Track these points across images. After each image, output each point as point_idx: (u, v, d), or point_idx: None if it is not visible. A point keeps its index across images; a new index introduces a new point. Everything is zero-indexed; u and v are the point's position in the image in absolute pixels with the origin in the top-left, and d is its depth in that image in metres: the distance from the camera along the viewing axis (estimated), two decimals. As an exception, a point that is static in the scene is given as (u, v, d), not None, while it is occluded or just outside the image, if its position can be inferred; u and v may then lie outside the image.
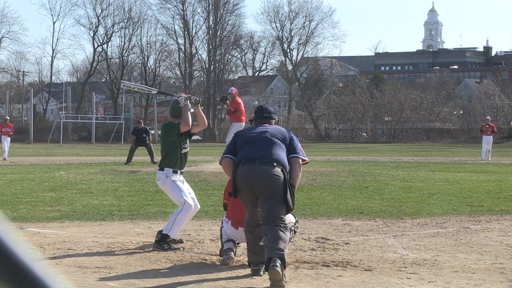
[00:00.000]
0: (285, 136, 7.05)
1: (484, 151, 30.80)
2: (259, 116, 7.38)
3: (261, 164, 6.75)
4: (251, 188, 6.72)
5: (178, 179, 8.70)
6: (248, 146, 6.98)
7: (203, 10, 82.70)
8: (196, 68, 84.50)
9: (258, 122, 7.32)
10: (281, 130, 7.16)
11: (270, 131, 7.08)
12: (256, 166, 6.75)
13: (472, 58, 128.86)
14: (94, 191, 15.29)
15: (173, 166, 8.69)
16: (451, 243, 8.73)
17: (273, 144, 6.93)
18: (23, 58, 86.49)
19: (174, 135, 8.60)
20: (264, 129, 7.12)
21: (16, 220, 10.64)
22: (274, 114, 7.48)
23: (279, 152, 6.87)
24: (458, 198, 13.98)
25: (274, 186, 6.65)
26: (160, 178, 8.75)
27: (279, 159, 6.81)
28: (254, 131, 7.17)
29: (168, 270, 6.97)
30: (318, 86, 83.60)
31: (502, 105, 74.38)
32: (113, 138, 68.00)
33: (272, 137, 6.99)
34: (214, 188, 15.47)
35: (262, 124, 7.25)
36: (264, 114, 7.40)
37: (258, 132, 7.09)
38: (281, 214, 6.64)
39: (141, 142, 26.30)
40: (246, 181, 6.75)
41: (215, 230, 9.65)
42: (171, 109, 8.90)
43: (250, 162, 6.80)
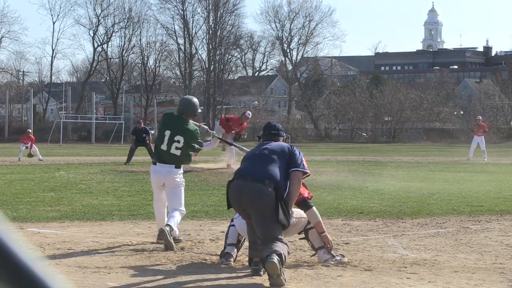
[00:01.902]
0: (285, 152, 7.00)
1: (472, 151, 30.80)
2: (267, 132, 7.39)
3: (252, 181, 6.72)
4: (241, 204, 6.76)
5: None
6: (246, 162, 7.06)
7: (203, 10, 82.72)
8: (196, 68, 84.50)
9: (265, 139, 7.31)
10: (282, 146, 7.12)
11: (270, 147, 7.07)
12: (247, 183, 6.74)
13: (472, 58, 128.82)
14: (94, 191, 15.29)
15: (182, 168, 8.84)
16: (451, 243, 8.73)
17: (269, 161, 6.90)
18: (23, 58, 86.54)
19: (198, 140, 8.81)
20: (266, 145, 7.13)
21: (16, 220, 10.64)
22: (282, 131, 7.48)
23: (274, 168, 6.82)
24: (458, 198, 13.98)
25: (263, 205, 6.61)
26: (178, 176, 8.69)
27: (272, 176, 6.74)
28: (258, 147, 7.21)
29: (168, 270, 6.97)
30: (318, 86, 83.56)
31: (502, 105, 74.35)
32: (113, 138, 68.00)
33: (271, 153, 6.97)
34: (214, 188, 15.47)
35: (269, 141, 7.23)
36: (272, 131, 7.40)
37: (260, 149, 7.12)
38: (277, 235, 6.56)
39: (141, 142, 26.34)
40: (236, 197, 6.79)
41: (215, 230, 9.65)
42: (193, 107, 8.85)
43: (243, 178, 6.81)
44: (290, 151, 7.04)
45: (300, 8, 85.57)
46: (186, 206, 12.33)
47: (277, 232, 6.59)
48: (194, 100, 9.08)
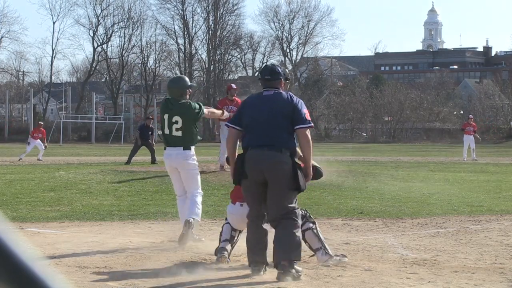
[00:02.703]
0: (288, 109, 6.71)
1: (465, 151, 30.83)
2: (262, 77, 7.02)
3: (269, 150, 6.61)
4: (258, 174, 6.64)
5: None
6: (252, 130, 6.80)
7: (203, 10, 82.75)
8: (196, 68, 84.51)
9: (263, 84, 7.00)
10: (283, 102, 6.75)
11: (271, 109, 6.74)
12: (264, 152, 6.63)
13: (472, 58, 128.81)
14: (94, 191, 15.28)
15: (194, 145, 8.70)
16: (451, 243, 8.73)
17: (278, 125, 6.68)
18: (23, 58, 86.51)
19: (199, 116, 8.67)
20: (266, 105, 6.79)
21: (16, 220, 10.64)
22: (279, 74, 6.94)
23: (284, 133, 6.66)
24: (458, 198, 13.98)
25: (283, 174, 6.57)
26: (189, 157, 8.55)
27: (286, 142, 6.65)
28: (256, 107, 6.86)
29: (168, 270, 6.96)
30: (318, 86, 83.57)
31: (502, 105, 74.37)
32: (113, 138, 68.02)
33: (275, 116, 6.70)
34: (214, 188, 15.47)
35: (268, 89, 6.91)
36: (265, 76, 6.96)
37: (261, 112, 6.77)
38: (290, 204, 6.61)
39: (145, 139, 26.08)
40: (254, 167, 6.67)
41: (215, 230, 9.65)
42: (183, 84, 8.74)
43: (259, 148, 6.66)
44: (292, 106, 6.73)
45: (300, 8, 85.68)
46: (186, 206, 12.40)
47: (291, 201, 6.61)
48: (180, 78, 9.04)
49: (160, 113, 8.94)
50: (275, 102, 6.79)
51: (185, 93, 8.70)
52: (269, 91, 6.90)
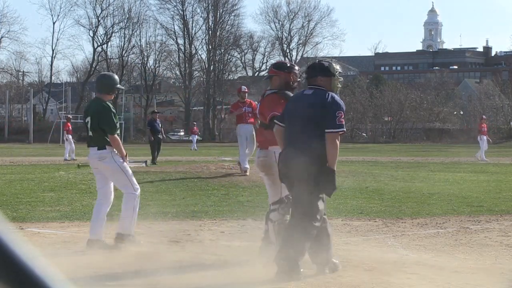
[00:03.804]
0: (319, 110, 6.54)
1: (483, 151, 30.85)
2: (307, 74, 6.92)
3: (299, 150, 6.55)
4: (288, 173, 6.65)
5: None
6: (287, 129, 6.77)
7: (203, 10, 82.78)
8: (196, 68, 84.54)
9: (308, 82, 6.94)
10: (315, 103, 6.60)
11: (304, 109, 6.65)
12: (295, 151, 6.59)
13: (472, 58, 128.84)
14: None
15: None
16: (451, 243, 8.73)
17: (310, 124, 6.56)
18: (23, 58, 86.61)
19: (109, 129, 8.21)
20: (300, 105, 6.72)
21: (16, 220, 10.63)
22: (324, 72, 6.80)
23: (312, 135, 6.54)
24: (458, 198, 13.97)
25: (307, 175, 6.49)
26: (105, 157, 8.14)
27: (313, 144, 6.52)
28: (292, 106, 6.84)
29: (168, 270, 6.96)
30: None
31: (502, 105, 74.38)
32: (113, 138, 67.89)
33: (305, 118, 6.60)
34: (214, 188, 15.47)
35: (310, 86, 6.84)
36: (308, 72, 6.90)
37: (295, 111, 6.74)
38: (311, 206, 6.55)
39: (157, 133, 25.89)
40: (284, 166, 6.69)
41: (215, 230, 9.65)
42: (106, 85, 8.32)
43: (292, 147, 6.64)
44: (325, 107, 6.53)
45: (299, 8, 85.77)
46: (186, 206, 12.40)
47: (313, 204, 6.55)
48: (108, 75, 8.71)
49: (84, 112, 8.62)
50: (308, 102, 6.67)
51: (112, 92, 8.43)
52: (309, 90, 6.83)
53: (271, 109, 7.39)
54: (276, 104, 7.39)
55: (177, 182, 16.92)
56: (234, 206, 12.43)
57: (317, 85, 6.76)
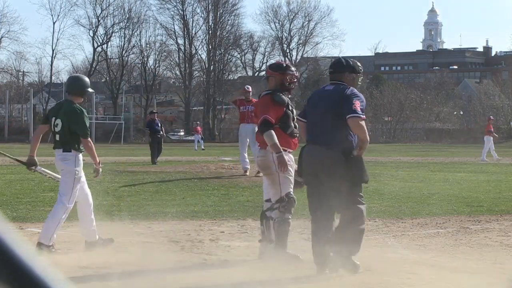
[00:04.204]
0: (339, 104, 6.61)
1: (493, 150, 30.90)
2: (330, 70, 7.04)
3: (323, 146, 6.62)
4: (314, 170, 6.70)
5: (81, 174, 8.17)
6: (309, 125, 6.89)
7: (203, 10, 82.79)
8: (196, 68, 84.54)
9: (330, 78, 7.01)
10: (336, 98, 6.66)
11: (325, 104, 6.73)
12: (318, 147, 6.66)
13: (472, 58, 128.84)
14: (93, 191, 15.22)
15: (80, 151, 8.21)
16: (451, 243, 8.72)
17: (331, 119, 6.64)
18: (23, 58, 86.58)
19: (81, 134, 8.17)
20: (322, 100, 6.82)
21: (16, 220, 10.63)
22: (343, 67, 6.90)
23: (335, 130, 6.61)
24: (458, 198, 13.97)
25: (334, 170, 6.55)
26: (68, 159, 8.09)
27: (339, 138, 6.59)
28: (314, 102, 6.94)
29: (168, 270, 6.96)
30: (318, 86, 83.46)
31: (502, 105, 74.39)
32: (113, 138, 68.00)
33: (327, 113, 6.68)
34: (214, 188, 15.46)
35: (332, 82, 6.90)
36: (329, 69, 7.04)
37: (316, 107, 6.84)
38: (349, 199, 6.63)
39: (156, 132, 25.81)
40: (309, 162, 6.74)
41: (215, 230, 9.65)
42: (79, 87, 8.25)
43: (315, 143, 6.73)
44: (344, 97, 6.61)
45: (299, 8, 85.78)
46: (186, 206, 12.40)
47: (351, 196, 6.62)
48: (80, 77, 8.59)
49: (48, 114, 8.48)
50: (330, 97, 6.76)
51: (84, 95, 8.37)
52: (330, 86, 6.90)
53: (263, 111, 7.41)
54: (268, 106, 7.40)
55: (177, 182, 16.92)
56: (234, 206, 12.43)
57: (340, 81, 6.84)
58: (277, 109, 7.39)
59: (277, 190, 7.42)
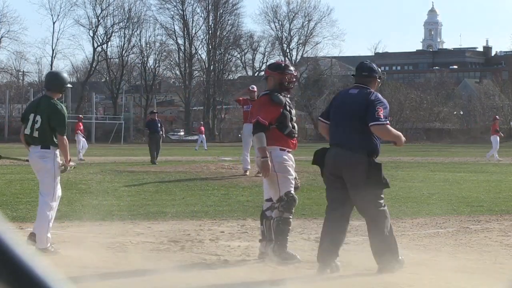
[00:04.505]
0: (363, 108, 6.74)
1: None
2: (357, 73, 7.08)
3: (348, 150, 6.71)
4: (336, 173, 6.76)
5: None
6: (332, 128, 6.94)
7: (203, 10, 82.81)
8: (196, 68, 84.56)
9: (355, 81, 7.10)
10: (361, 102, 6.76)
11: (350, 108, 6.80)
12: (343, 151, 6.74)
13: (472, 58, 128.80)
14: (93, 191, 15.28)
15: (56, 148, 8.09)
16: (451, 243, 8.72)
17: (352, 126, 6.75)
18: (23, 58, 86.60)
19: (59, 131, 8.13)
20: (347, 103, 6.89)
21: (16, 220, 10.63)
22: (372, 72, 7.04)
23: (358, 134, 6.72)
24: (458, 198, 13.98)
25: (358, 173, 6.65)
26: (47, 156, 8.06)
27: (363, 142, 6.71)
28: (338, 104, 7.00)
29: (168, 270, 6.96)
30: (318, 86, 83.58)
31: (502, 105, 74.38)
32: (113, 138, 68.00)
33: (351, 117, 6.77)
34: (214, 188, 15.47)
35: (357, 85, 7.00)
36: (363, 73, 7.05)
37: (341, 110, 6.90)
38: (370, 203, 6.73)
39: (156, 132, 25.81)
40: (332, 166, 6.79)
41: (215, 230, 9.65)
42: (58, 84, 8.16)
43: (339, 146, 6.80)
44: (368, 104, 6.73)
45: (299, 8, 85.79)
46: (186, 206, 12.40)
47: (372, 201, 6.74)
48: (59, 74, 8.51)
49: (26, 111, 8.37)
50: (354, 101, 6.84)
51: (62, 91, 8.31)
52: (355, 89, 6.98)
53: (258, 112, 7.40)
54: (263, 107, 7.40)
55: (177, 182, 16.92)
56: (234, 206, 12.44)
57: (365, 85, 6.95)
58: (273, 109, 7.38)
59: (276, 190, 7.42)
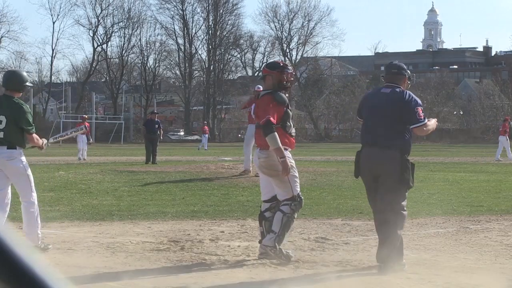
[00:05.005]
0: (399, 108, 6.97)
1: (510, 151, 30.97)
2: (387, 71, 7.31)
3: (381, 148, 6.95)
4: (372, 172, 7.02)
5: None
6: (367, 127, 7.16)
7: (203, 10, 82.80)
8: (196, 68, 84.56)
9: (386, 80, 7.29)
10: (396, 101, 6.99)
11: (384, 107, 7.02)
12: (376, 149, 6.98)
13: (471, 58, 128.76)
14: (93, 191, 15.28)
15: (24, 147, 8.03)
16: (451, 243, 8.72)
17: (389, 122, 6.97)
18: (23, 58, 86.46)
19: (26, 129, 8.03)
20: (381, 103, 7.08)
21: (16, 220, 10.63)
22: (403, 71, 7.27)
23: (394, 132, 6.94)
24: (458, 198, 13.98)
25: (392, 172, 6.88)
26: (14, 157, 7.92)
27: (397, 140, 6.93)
28: (372, 104, 7.19)
29: (168, 270, 6.96)
30: (318, 86, 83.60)
31: (502, 105, 74.37)
32: (112, 138, 68.01)
33: (386, 116, 6.98)
34: (214, 188, 15.47)
35: (388, 84, 7.19)
36: (392, 70, 7.27)
37: (374, 109, 7.11)
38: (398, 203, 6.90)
39: (152, 133, 25.76)
40: (368, 165, 7.06)
41: (215, 230, 9.65)
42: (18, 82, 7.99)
43: (373, 145, 7.03)
44: (403, 105, 6.97)
45: (299, 8, 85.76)
46: (186, 206, 12.41)
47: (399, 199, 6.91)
48: (17, 72, 8.39)
49: None
50: (388, 101, 7.04)
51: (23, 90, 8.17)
52: (387, 89, 7.16)
53: (265, 112, 7.36)
54: (270, 106, 7.38)
55: (177, 182, 16.93)
56: (234, 206, 12.44)
57: (397, 84, 7.14)
58: (279, 109, 7.39)
59: (287, 188, 7.43)
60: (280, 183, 7.43)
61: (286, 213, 7.37)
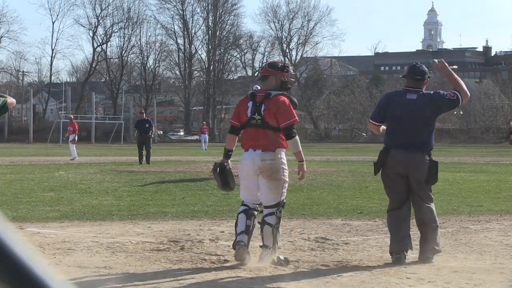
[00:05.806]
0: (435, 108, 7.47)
1: None
2: (411, 76, 7.65)
3: (412, 151, 7.34)
4: (400, 173, 7.39)
5: None
6: (395, 131, 7.47)
7: (203, 10, 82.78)
8: (196, 68, 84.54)
9: (408, 84, 7.62)
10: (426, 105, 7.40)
11: (415, 113, 7.38)
12: (408, 153, 7.35)
13: (471, 58, 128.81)
14: (93, 191, 15.28)
15: None
16: (451, 243, 8.72)
17: (421, 124, 7.39)
18: (23, 58, 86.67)
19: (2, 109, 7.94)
20: (410, 108, 7.41)
21: (16, 220, 10.63)
22: (425, 75, 7.65)
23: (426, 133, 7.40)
24: (458, 198, 13.98)
25: (422, 174, 7.32)
26: None
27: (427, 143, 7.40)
28: (400, 108, 7.48)
29: (168, 270, 6.96)
30: (317, 86, 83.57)
31: (502, 105, 74.34)
32: (112, 138, 68.00)
33: (418, 121, 7.38)
34: (214, 188, 15.46)
35: (413, 89, 7.54)
36: (416, 76, 7.62)
37: (404, 114, 7.42)
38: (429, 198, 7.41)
39: (145, 132, 25.61)
40: (396, 166, 7.41)
41: (214, 230, 9.65)
42: None
43: (404, 147, 7.37)
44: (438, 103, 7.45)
45: (299, 8, 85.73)
46: (186, 206, 12.42)
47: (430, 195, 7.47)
48: None
49: None
50: (419, 107, 7.43)
51: None
52: (412, 94, 7.53)
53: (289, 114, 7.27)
54: (290, 108, 7.37)
55: (177, 182, 16.93)
56: (234, 206, 12.42)
57: (420, 88, 7.58)
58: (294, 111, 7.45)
59: (278, 194, 7.31)
60: (275, 188, 7.28)
61: (273, 225, 7.25)
